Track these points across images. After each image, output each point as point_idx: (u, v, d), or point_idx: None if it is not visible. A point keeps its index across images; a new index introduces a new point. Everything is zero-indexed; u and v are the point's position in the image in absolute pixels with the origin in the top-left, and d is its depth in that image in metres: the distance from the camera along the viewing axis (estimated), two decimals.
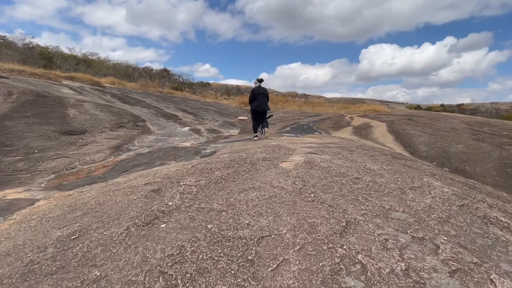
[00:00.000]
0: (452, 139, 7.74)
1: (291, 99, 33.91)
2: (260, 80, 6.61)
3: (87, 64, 32.95)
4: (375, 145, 6.38)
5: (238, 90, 56.19)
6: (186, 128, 8.90)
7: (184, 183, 2.81)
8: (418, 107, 65.22)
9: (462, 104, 58.30)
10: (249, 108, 7.02)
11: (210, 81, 61.95)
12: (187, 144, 6.47)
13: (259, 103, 6.41)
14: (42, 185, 3.67)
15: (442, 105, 58.45)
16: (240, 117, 14.00)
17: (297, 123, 10.91)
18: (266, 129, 7.07)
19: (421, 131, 8.14)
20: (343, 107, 23.06)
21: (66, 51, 32.57)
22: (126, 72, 34.98)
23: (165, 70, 40.68)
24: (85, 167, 4.42)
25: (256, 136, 6.65)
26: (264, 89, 6.52)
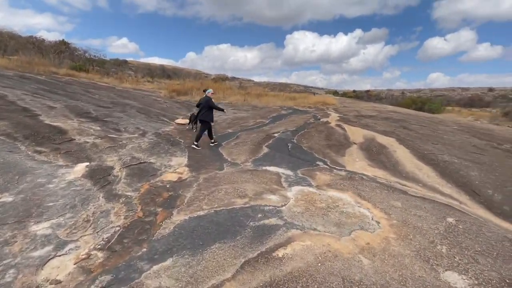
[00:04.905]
0: (507, 170, 5.03)
1: (224, 83, 29.75)
2: (204, 90, 6.85)
3: None
4: (443, 198, 3.28)
5: (163, 71, 47.80)
6: (78, 172, 4.14)
7: None
8: (335, 93, 69.95)
9: (369, 91, 65.02)
10: (183, 100, 7.50)
11: (128, 59, 50.90)
12: None
13: (198, 112, 6.48)
14: None
15: (354, 91, 64.09)
16: (178, 120, 9.45)
17: (271, 136, 7.19)
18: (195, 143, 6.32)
19: (454, 155, 5.60)
20: (290, 97, 20.52)
21: None
22: None
23: (63, 43, 30.16)
24: None
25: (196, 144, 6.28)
26: (205, 98, 6.50)
